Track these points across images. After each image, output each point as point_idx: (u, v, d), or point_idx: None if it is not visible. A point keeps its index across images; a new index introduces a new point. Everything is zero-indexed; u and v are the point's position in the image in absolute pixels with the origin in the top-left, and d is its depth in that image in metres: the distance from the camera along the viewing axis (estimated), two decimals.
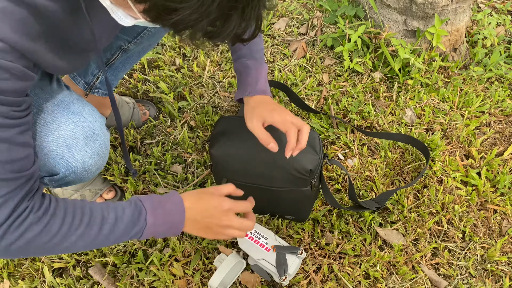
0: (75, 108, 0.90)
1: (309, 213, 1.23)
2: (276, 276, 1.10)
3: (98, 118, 0.93)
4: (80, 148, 0.88)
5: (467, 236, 1.24)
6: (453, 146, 1.42)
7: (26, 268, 1.17)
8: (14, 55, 0.66)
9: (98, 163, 0.94)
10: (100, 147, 0.93)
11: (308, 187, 1.11)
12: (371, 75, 1.58)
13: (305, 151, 1.06)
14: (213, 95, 1.54)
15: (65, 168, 0.87)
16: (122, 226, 0.78)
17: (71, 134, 0.87)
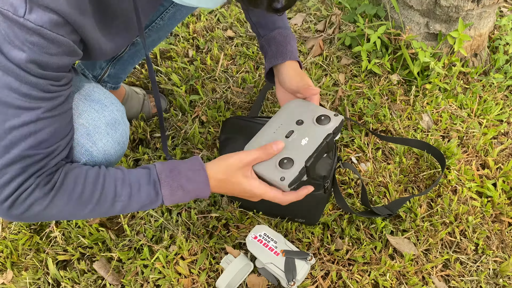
0: (96, 96, 0.87)
1: (319, 217, 1.20)
2: (283, 281, 1.08)
3: (119, 106, 0.91)
4: (102, 137, 0.86)
5: (479, 248, 1.21)
6: (469, 155, 1.39)
7: (30, 259, 1.15)
8: (67, 29, 0.65)
9: (118, 152, 0.91)
10: (121, 136, 0.90)
11: (321, 191, 1.08)
12: (388, 77, 1.54)
13: None
14: (226, 90, 1.50)
15: (87, 157, 0.85)
16: (135, 205, 0.80)
17: (92, 122, 0.84)
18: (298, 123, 0.91)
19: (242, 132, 1.08)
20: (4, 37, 0.62)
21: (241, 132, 1.08)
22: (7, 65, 0.64)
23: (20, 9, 0.60)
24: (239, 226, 1.21)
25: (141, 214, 1.22)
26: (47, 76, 0.67)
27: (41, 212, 0.73)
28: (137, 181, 0.80)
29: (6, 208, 0.70)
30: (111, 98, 0.89)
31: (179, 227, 1.20)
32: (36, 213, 0.73)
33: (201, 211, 1.24)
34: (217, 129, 1.40)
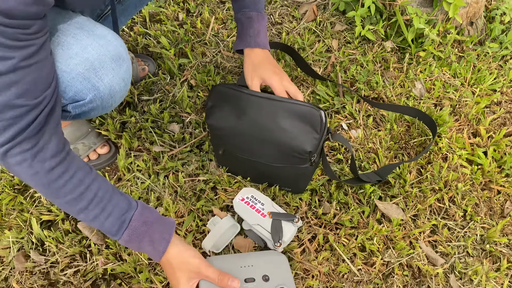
0: (99, 31, 0.84)
1: (306, 186, 1.19)
2: (270, 243, 1.07)
3: (122, 43, 0.88)
4: (107, 72, 0.84)
5: (468, 215, 1.21)
6: (461, 123, 1.37)
7: (13, 218, 1.14)
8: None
9: (122, 90, 0.90)
10: (125, 73, 0.89)
11: (306, 164, 1.07)
12: (382, 44, 1.52)
13: (304, 131, 1.02)
14: (216, 54, 1.47)
15: (93, 92, 0.84)
16: (95, 225, 0.83)
17: (98, 57, 0.82)
18: (264, 278, 0.95)
19: (229, 101, 1.06)
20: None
21: (228, 101, 1.06)
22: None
23: None
24: (227, 189, 1.20)
25: (128, 176, 1.20)
26: (14, 24, 0.65)
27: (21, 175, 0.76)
28: (111, 210, 0.83)
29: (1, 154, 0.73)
30: (114, 34, 0.87)
31: (166, 189, 1.18)
32: (18, 173, 0.76)
33: (189, 174, 1.22)
34: (206, 94, 1.37)
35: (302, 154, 1.03)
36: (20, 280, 1.05)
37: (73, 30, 0.83)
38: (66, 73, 0.80)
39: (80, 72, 0.81)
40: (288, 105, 1.02)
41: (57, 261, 1.08)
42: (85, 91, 0.83)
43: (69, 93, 0.83)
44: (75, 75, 0.81)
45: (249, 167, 1.15)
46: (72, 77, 0.81)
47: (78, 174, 0.79)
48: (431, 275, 1.10)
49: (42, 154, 0.75)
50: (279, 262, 0.99)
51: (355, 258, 1.12)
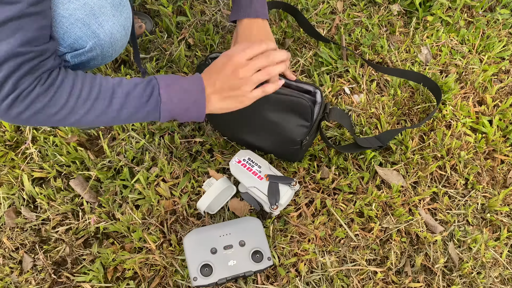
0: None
1: (301, 158, 1.16)
2: (266, 206, 1.05)
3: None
4: (108, 19, 0.80)
5: (469, 183, 1.18)
6: (466, 91, 1.33)
7: (4, 174, 1.11)
8: None
9: (123, 38, 0.86)
10: (126, 20, 0.84)
11: (297, 146, 1.04)
12: (389, 7, 1.46)
13: (294, 122, 0.99)
14: (216, 13, 1.41)
15: (93, 40, 0.80)
16: (133, 101, 0.77)
17: (97, 2, 0.78)
18: (240, 243, 0.99)
19: None
20: None
21: None
22: None
23: None
24: (223, 152, 1.17)
25: (122, 135, 1.17)
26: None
27: (41, 110, 0.72)
28: (133, 81, 0.79)
29: (7, 106, 0.69)
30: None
31: (161, 149, 1.15)
32: (37, 110, 0.71)
33: (185, 136, 1.19)
34: (205, 53, 1.32)
35: (293, 142, 1.03)
36: (10, 236, 1.03)
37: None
38: (64, 18, 0.76)
39: (80, 17, 0.77)
40: (278, 96, 0.96)
41: (49, 218, 1.06)
42: (85, 38, 0.79)
43: (68, 40, 0.79)
44: (74, 21, 0.77)
45: (242, 141, 1.14)
46: (71, 23, 0.77)
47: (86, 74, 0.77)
48: (429, 242, 1.08)
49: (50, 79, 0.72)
50: (253, 227, 1.02)
51: (353, 224, 1.10)
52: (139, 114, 0.78)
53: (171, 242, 1.04)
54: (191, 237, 0.99)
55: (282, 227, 1.08)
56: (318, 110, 1.00)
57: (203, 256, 0.96)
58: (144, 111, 0.78)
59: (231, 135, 1.15)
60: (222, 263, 0.96)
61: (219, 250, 0.98)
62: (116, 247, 1.03)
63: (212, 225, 1.03)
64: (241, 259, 0.97)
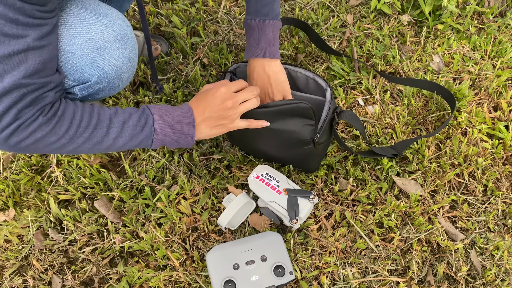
0: (102, 10, 0.84)
1: (317, 166, 1.17)
2: (286, 220, 1.06)
3: (127, 21, 0.88)
4: (112, 52, 0.84)
5: (488, 190, 1.18)
6: (481, 97, 1.33)
7: (32, 198, 1.15)
8: None
9: (129, 70, 0.90)
10: (130, 52, 0.88)
11: (310, 145, 1.05)
12: (398, 17, 1.47)
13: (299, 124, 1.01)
14: (228, 32, 1.45)
15: (98, 73, 0.84)
16: (129, 130, 0.81)
17: (102, 36, 0.82)
18: (262, 259, 1.01)
19: None
20: None
21: None
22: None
23: None
24: (241, 167, 1.19)
25: (143, 155, 1.20)
26: (32, 0, 0.65)
27: (41, 139, 0.74)
28: (128, 111, 0.83)
29: (6, 136, 0.71)
30: (117, 13, 0.86)
31: (181, 167, 1.18)
32: (37, 139, 0.73)
33: (203, 153, 1.22)
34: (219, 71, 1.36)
35: (304, 143, 1.04)
36: (40, 258, 1.07)
37: (76, 9, 0.82)
38: (70, 53, 0.80)
39: (85, 52, 0.80)
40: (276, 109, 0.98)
41: (75, 239, 1.09)
42: (90, 72, 0.83)
43: (75, 74, 0.82)
44: (80, 56, 0.80)
45: (258, 151, 1.16)
46: (76, 58, 0.80)
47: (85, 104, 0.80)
48: (451, 250, 1.08)
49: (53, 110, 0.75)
50: (274, 241, 1.04)
51: (373, 235, 1.10)
52: (132, 142, 0.82)
53: (194, 259, 1.06)
54: (213, 253, 1.01)
55: (303, 240, 1.09)
56: (327, 108, 1.03)
57: (226, 272, 0.98)
58: (137, 140, 0.82)
59: (247, 148, 1.18)
60: (245, 279, 0.98)
61: (242, 266, 0.99)
62: (141, 265, 1.05)
63: (233, 241, 1.05)
64: (264, 274, 0.99)
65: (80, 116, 0.77)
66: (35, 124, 0.72)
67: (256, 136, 1.07)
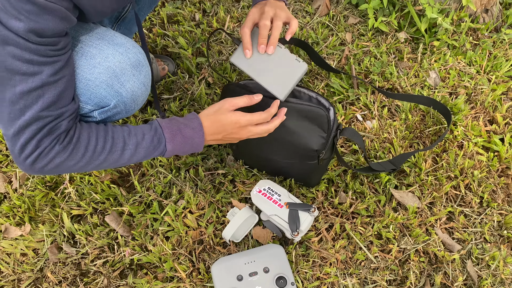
0: (118, 40, 0.91)
1: (318, 181, 1.22)
2: (288, 232, 1.11)
3: (141, 50, 0.95)
4: (129, 78, 0.91)
5: (484, 201, 1.21)
6: (477, 111, 1.38)
7: (46, 213, 1.21)
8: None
9: (144, 94, 0.97)
10: (145, 78, 0.95)
11: (315, 161, 1.10)
12: (395, 35, 1.53)
13: (311, 130, 1.05)
14: (232, 52, 1.51)
15: (116, 98, 0.90)
16: (142, 152, 0.89)
17: (119, 64, 0.89)
18: (265, 270, 1.05)
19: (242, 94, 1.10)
20: (0, 8, 0.66)
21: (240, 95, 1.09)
22: (7, 35, 0.69)
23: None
24: (245, 182, 1.24)
25: (151, 171, 1.26)
26: (45, 42, 0.72)
27: (61, 164, 0.82)
28: (141, 131, 0.89)
29: (30, 162, 0.79)
30: (132, 42, 0.93)
31: (187, 183, 1.23)
32: (57, 164, 0.81)
33: (208, 168, 1.27)
34: None
35: (310, 152, 1.07)
36: (54, 271, 1.13)
37: (94, 40, 0.89)
38: (90, 81, 0.87)
39: (104, 79, 0.87)
40: (295, 106, 1.03)
41: (87, 253, 1.15)
42: (109, 97, 0.89)
43: (95, 100, 0.89)
44: (99, 83, 0.87)
45: (262, 162, 1.21)
46: (96, 85, 0.87)
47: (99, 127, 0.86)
48: (448, 261, 1.12)
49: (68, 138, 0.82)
50: (276, 253, 1.09)
51: (372, 246, 1.15)
52: (145, 159, 0.91)
53: (200, 271, 1.11)
54: (218, 265, 1.06)
55: (304, 252, 1.14)
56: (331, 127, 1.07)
57: (230, 283, 1.03)
58: (149, 157, 0.91)
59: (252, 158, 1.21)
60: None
61: (245, 277, 1.04)
62: (149, 277, 1.10)
63: (237, 253, 1.10)
64: (266, 285, 1.03)
65: (95, 141, 0.84)
66: (53, 151, 0.79)
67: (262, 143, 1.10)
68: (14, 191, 1.25)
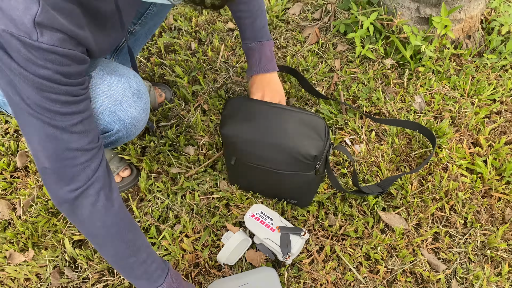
0: (120, 71, 0.99)
1: (311, 199, 1.28)
2: (280, 255, 1.16)
3: (140, 79, 1.03)
4: (130, 105, 0.98)
5: (468, 222, 1.27)
6: (461, 134, 1.44)
7: (49, 239, 1.26)
8: (73, 42, 0.77)
9: (143, 119, 1.04)
10: (144, 104, 1.02)
11: (312, 171, 1.15)
12: (382, 61, 1.60)
13: (310, 136, 1.11)
14: (226, 80, 1.58)
15: (119, 124, 0.98)
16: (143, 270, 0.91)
17: (121, 93, 0.96)
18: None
19: (242, 110, 1.17)
20: (27, 60, 0.73)
21: (241, 111, 1.17)
22: (40, 82, 0.75)
23: (33, 35, 0.70)
24: (239, 205, 1.30)
25: (149, 196, 1.32)
26: (74, 83, 0.79)
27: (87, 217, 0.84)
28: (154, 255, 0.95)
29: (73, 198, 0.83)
30: (133, 72, 1.01)
31: (184, 207, 1.29)
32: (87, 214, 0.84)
33: (204, 193, 1.33)
34: (218, 117, 1.48)
35: (308, 158, 1.11)
36: None
37: (99, 72, 0.97)
38: (95, 109, 0.94)
39: (108, 107, 0.95)
40: (296, 113, 1.14)
41: (88, 277, 1.20)
42: (112, 122, 0.97)
43: (99, 126, 0.97)
44: (103, 110, 0.95)
45: (259, 177, 1.23)
46: (101, 112, 0.95)
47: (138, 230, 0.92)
48: (433, 281, 1.17)
49: (111, 193, 0.86)
50: (269, 276, 1.13)
51: (361, 267, 1.20)
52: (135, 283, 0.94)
53: None
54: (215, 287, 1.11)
55: (296, 273, 1.19)
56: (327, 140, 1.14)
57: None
58: None
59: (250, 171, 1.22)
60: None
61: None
62: None
63: (231, 276, 1.14)
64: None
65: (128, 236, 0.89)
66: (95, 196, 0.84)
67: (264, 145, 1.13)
68: (18, 218, 1.31)
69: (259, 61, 1.25)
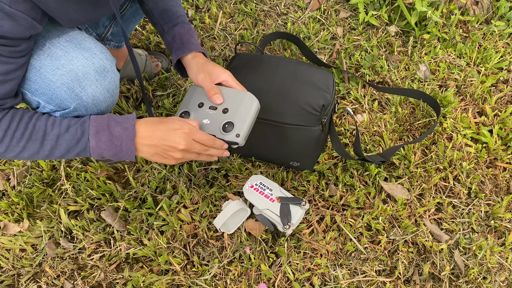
0: (86, 44, 0.91)
1: (314, 161, 1.23)
2: (279, 225, 1.14)
3: (109, 56, 0.95)
4: (91, 83, 0.91)
5: (472, 192, 1.24)
6: (466, 103, 1.40)
7: (44, 210, 1.24)
8: (26, 6, 0.71)
9: (108, 100, 0.96)
10: (110, 84, 0.95)
11: (318, 126, 1.12)
12: (386, 29, 1.54)
13: (318, 87, 1.10)
14: (224, 48, 1.53)
15: (76, 101, 0.90)
16: (64, 143, 0.85)
17: (82, 68, 0.89)
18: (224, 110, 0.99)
19: (250, 62, 1.13)
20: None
21: (249, 63, 1.13)
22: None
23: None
24: (238, 176, 1.27)
25: (146, 167, 1.29)
26: (5, 43, 0.74)
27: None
28: (67, 123, 0.86)
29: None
30: (101, 48, 0.93)
31: (181, 178, 1.26)
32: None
33: (202, 164, 1.30)
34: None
35: (316, 109, 1.09)
36: (52, 265, 1.16)
37: (62, 42, 0.89)
38: (52, 82, 0.87)
39: (65, 82, 0.88)
40: (305, 65, 1.12)
41: (84, 247, 1.18)
42: (69, 99, 0.90)
43: (56, 101, 0.89)
44: (60, 85, 0.88)
45: (262, 135, 1.17)
46: (57, 87, 0.88)
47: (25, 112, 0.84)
48: (436, 251, 1.15)
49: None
50: (247, 104, 1.00)
51: (362, 237, 1.17)
52: (70, 153, 0.86)
53: (194, 264, 1.14)
54: (195, 87, 1.05)
55: (296, 244, 1.16)
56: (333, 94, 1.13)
57: (190, 105, 1.02)
58: (75, 152, 0.86)
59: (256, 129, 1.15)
60: (198, 117, 1.00)
61: (205, 106, 1.00)
62: (145, 270, 1.13)
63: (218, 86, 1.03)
64: (215, 122, 0.99)
65: (14, 128, 0.82)
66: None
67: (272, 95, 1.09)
68: (12, 188, 1.28)
69: (196, 41, 1.10)
